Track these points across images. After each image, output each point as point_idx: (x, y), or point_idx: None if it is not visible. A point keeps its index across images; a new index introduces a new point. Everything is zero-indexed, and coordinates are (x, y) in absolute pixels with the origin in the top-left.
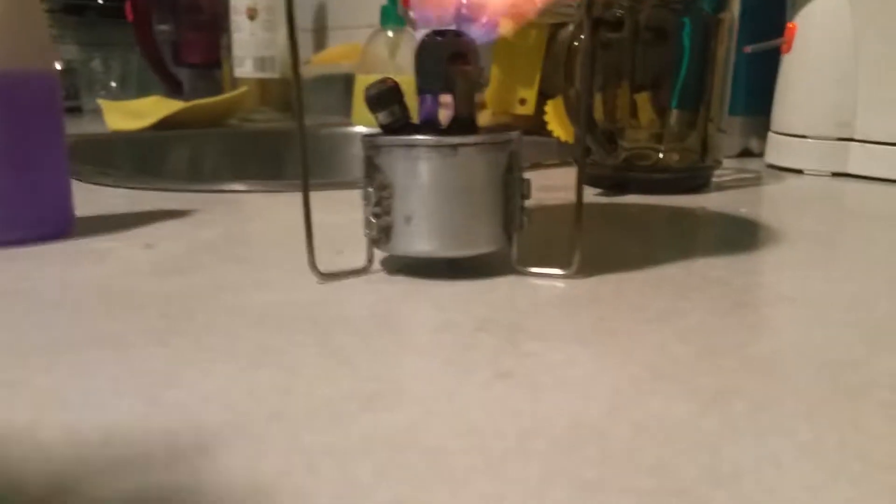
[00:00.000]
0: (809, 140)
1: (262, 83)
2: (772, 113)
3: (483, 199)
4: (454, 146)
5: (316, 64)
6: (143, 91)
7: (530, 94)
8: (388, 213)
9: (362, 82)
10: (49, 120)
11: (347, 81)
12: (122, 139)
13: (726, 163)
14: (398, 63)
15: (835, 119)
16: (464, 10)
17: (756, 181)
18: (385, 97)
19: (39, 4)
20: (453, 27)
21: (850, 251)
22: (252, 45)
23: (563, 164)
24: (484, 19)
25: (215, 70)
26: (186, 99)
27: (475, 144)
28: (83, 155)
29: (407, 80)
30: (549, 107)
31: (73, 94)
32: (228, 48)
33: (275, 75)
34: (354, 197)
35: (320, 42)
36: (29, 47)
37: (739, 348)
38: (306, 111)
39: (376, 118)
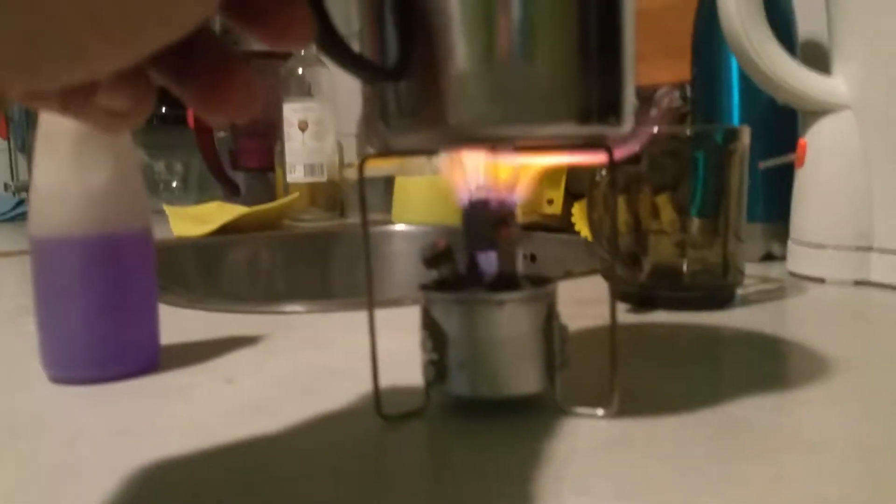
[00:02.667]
0: (829, 250)
1: (311, 186)
2: (790, 222)
3: (527, 346)
4: (501, 302)
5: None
6: (202, 191)
7: (557, 195)
8: (443, 358)
9: (402, 184)
10: (143, 272)
11: (387, 181)
12: (189, 246)
13: (750, 268)
14: (434, 165)
15: (853, 229)
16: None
17: (780, 293)
18: (439, 258)
19: (139, 171)
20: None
21: (880, 380)
22: (303, 153)
23: (593, 272)
24: (517, 188)
25: (269, 174)
26: (243, 200)
27: (519, 300)
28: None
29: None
30: (576, 209)
31: None
32: (281, 154)
33: (323, 179)
34: (405, 317)
35: (364, 146)
36: (128, 211)
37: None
38: (350, 209)
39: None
